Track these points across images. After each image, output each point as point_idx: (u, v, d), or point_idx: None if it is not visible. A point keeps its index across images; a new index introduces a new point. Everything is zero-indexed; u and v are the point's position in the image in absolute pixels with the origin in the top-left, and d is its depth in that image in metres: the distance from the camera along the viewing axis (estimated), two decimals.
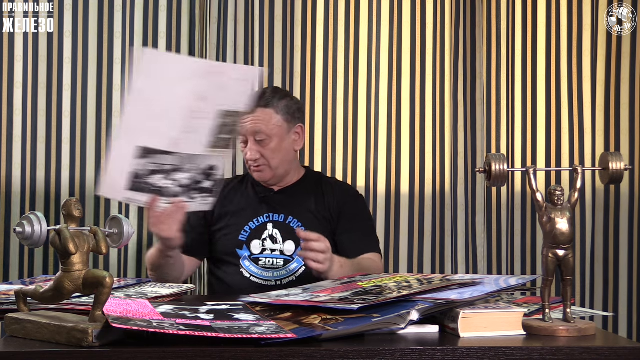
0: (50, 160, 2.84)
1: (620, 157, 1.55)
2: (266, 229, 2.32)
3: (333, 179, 2.54)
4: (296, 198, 2.37)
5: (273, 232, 2.32)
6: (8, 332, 1.44)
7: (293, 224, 2.32)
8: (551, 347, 1.36)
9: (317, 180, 2.44)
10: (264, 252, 2.30)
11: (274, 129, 2.30)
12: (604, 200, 3.02)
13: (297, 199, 2.37)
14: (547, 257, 1.49)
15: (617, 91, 3.03)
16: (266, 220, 2.34)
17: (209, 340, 1.32)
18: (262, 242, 2.31)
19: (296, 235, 2.26)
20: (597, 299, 3.01)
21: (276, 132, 2.30)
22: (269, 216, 2.34)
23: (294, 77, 2.95)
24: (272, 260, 2.29)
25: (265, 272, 2.27)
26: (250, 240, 2.31)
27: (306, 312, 1.52)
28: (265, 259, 2.29)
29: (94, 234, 1.42)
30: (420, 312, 1.46)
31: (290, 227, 2.31)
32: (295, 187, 2.40)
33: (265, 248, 2.30)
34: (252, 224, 2.33)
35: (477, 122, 2.99)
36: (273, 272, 2.27)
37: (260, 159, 2.30)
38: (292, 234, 2.30)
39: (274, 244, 2.30)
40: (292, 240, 2.30)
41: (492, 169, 1.55)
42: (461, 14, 2.98)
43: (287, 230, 2.31)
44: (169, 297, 1.79)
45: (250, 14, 2.93)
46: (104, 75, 2.87)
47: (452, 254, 2.96)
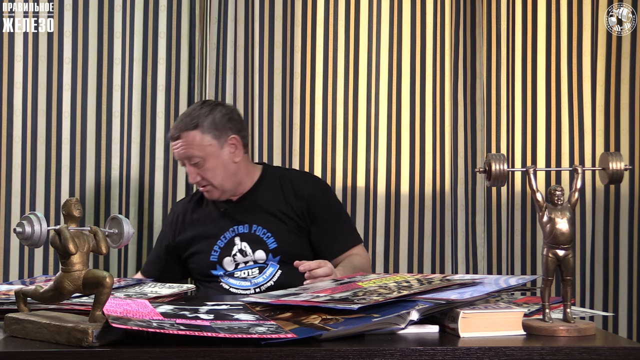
0: (50, 160, 2.84)
1: (620, 157, 1.55)
2: (234, 244, 2.30)
3: (293, 173, 2.50)
4: (256, 204, 2.33)
5: (242, 245, 2.29)
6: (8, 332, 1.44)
7: (258, 232, 2.30)
8: (551, 347, 1.36)
9: (276, 177, 2.38)
10: (237, 267, 2.29)
11: (205, 149, 2.27)
12: (604, 200, 3.02)
13: (258, 205, 2.33)
14: (547, 257, 1.49)
15: (617, 91, 3.03)
16: (232, 235, 2.31)
17: (209, 340, 1.32)
18: (233, 258, 2.29)
19: (265, 243, 2.28)
20: (597, 299, 3.01)
21: (208, 151, 2.27)
22: (234, 230, 2.31)
23: (294, 77, 2.95)
24: (247, 272, 2.28)
25: (243, 282, 2.27)
26: (222, 258, 2.30)
27: (306, 312, 1.52)
28: (240, 272, 2.28)
29: (94, 234, 1.42)
30: (420, 312, 1.46)
31: (257, 235, 2.30)
32: (252, 193, 2.36)
33: (238, 262, 2.29)
34: (220, 242, 2.31)
35: (477, 122, 2.99)
36: (251, 281, 2.27)
37: (202, 180, 2.28)
38: (260, 243, 2.29)
39: (245, 257, 2.29)
40: (261, 250, 2.29)
41: (492, 169, 1.55)
42: (461, 14, 2.98)
43: (254, 240, 2.29)
44: (169, 297, 1.79)
45: (250, 14, 2.93)
46: (104, 75, 2.87)
47: (452, 254, 2.96)
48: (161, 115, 2.87)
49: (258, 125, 2.91)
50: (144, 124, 2.87)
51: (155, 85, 2.88)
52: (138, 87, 2.87)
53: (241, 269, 2.29)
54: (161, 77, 2.88)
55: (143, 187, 2.87)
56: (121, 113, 2.87)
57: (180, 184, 2.89)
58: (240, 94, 2.92)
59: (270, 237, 2.29)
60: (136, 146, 2.86)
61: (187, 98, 2.90)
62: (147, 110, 2.88)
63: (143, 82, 2.87)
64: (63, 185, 2.84)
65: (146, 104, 2.87)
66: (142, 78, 2.87)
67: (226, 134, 2.30)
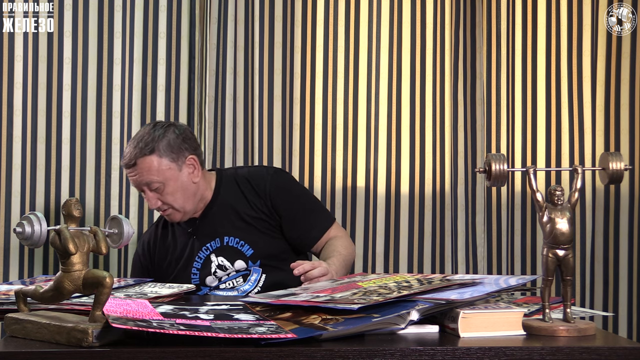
0: (50, 160, 2.84)
1: (620, 157, 1.55)
2: (211, 261, 2.25)
3: (246, 170, 2.39)
4: (221, 214, 2.28)
5: (218, 260, 2.24)
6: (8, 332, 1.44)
7: (231, 242, 2.25)
8: (551, 347, 1.36)
9: (232, 181, 2.32)
10: (221, 280, 2.24)
11: (164, 173, 2.19)
12: (604, 200, 3.02)
13: (223, 215, 2.28)
14: (547, 257, 1.49)
15: (617, 91, 3.03)
16: (207, 253, 2.26)
17: (209, 340, 1.32)
18: (214, 276, 2.24)
19: (241, 252, 2.23)
20: (597, 299, 3.01)
21: (167, 175, 2.19)
22: (207, 247, 2.26)
23: (294, 78, 2.95)
24: (232, 282, 2.24)
25: (230, 292, 2.23)
26: (203, 279, 2.24)
27: (306, 312, 1.52)
28: (225, 284, 2.24)
29: (94, 234, 1.42)
30: (420, 312, 1.46)
31: (231, 247, 2.25)
32: (213, 204, 2.29)
33: (220, 277, 2.24)
34: (197, 263, 2.26)
35: (477, 122, 2.99)
36: (238, 289, 2.22)
37: (163, 205, 2.22)
38: (236, 253, 2.24)
39: (226, 271, 2.24)
40: (240, 260, 2.24)
41: (492, 169, 1.55)
42: (461, 14, 2.98)
43: (230, 252, 2.25)
44: (169, 297, 1.79)
45: (250, 14, 2.93)
46: (104, 75, 2.87)
47: (452, 254, 2.96)
48: (161, 116, 2.87)
49: (258, 125, 2.91)
50: (144, 124, 2.87)
51: (155, 85, 2.88)
52: (138, 87, 2.87)
53: (225, 280, 2.24)
54: (161, 77, 2.88)
55: None
56: (121, 113, 2.87)
57: None
58: (240, 94, 2.92)
59: (245, 244, 2.24)
60: None
61: (187, 98, 2.90)
62: (147, 110, 2.88)
63: (143, 82, 2.87)
64: (63, 185, 2.84)
65: (146, 104, 2.87)
66: (142, 78, 2.87)
67: (183, 154, 2.22)
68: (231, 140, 2.91)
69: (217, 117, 2.90)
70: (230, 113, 2.91)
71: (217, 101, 2.90)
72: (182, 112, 2.90)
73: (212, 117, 2.89)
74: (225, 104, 2.90)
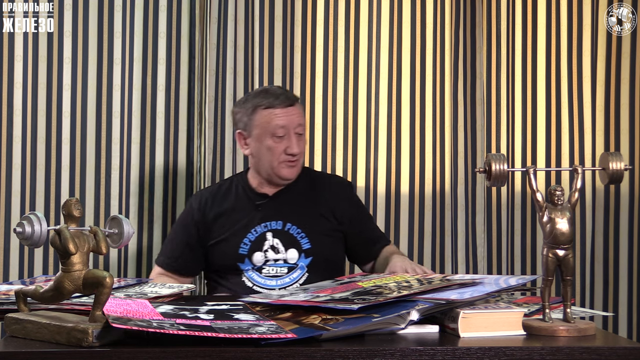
0: (50, 160, 2.84)
1: (620, 157, 1.55)
2: (266, 239, 2.27)
3: (323, 174, 2.52)
4: (291, 202, 2.33)
5: (274, 242, 2.27)
6: (8, 332, 1.44)
7: (292, 230, 2.28)
8: (551, 347, 1.36)
9: (308, 177, 2.39)
10: (267, 263, 2.26)
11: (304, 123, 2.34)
12: (604, 200, 3.02)
13: (293, 203, 2.33)
14: (547, 257, 1.49)
15: (617, 91, 3.03)
16: (264, 230, 2.29)
17: (209, 340, 1.32)
18: (264, 254, 2.26)
19: (298, 242, 2.26)
20: (597, 299, 3.01)
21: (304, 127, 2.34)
22: (266, 225, 2.29)
23: (294, 77, 2.95)
24: (276, 269, 2.25)
25: (268, 280, 2.24)
26: (252, 252, 2.26)
27: (306, 312, 1.52)
28: (269, 268, 2.26)
29: (94, 234, 1.42)
30: (420, 312, 1.46)
31: (290, 234, 2.28)
32: (289, 190, 2.35)
33: (268, 259, 2.26)
34: (251, 235, 2.28)
35: (477, 122, 2.99)
36: (276, 280, 2.24)
37: (300, 153, 2.29)
38: (293, 242, 2.27)
39: (277, 254, 2.26)
40: (294, 249, 2.27)
41: (492, 169, 1.55)
42: (461, 14, 2.98)
43: (287, 238, 2.27)
44: (169, 297, 1.79)
45: (250, 14, 2.93)
46: (104, 75, 2.87)
47: (452, 254, 2.96)
48: (161, 115, 2.87)
49: None
50: (144, 124, 2.87)
51: (155, 85, 2.88)
52: (138, 87, 2.87)
53: (271, 265, 2.26)
54: (161, 77, 2.88)
55: (143, 187, 2.87)
56: (121, 113, 2.87)
57: (180, 184, 2.89)
58: (240, 94, 2.92)
59: (305, 237, 2.28)
60: (136, 146, 2.86)
61: (187, 98, 2.90)
62: (147, 110, 2.88)
63: (143, 82, 2.87)
64: (63, 185, 2.84)
65: (146, 104, 2.87)
66: (142, 78, 2.87)
67: None
68: (231, 140, 2.91)
69: (217, 117, 2.90)
70: (230, 113, 2.91)
71: (217, 101, 2.90)
72: (182, 112, 2.89)
73: (212, 117, 2.89)
74: (225, 104, 2.90)
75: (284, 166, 2.28)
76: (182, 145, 2.89)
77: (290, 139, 2.27)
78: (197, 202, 2.37)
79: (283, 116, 2.27)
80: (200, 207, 2.35)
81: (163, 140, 2.87)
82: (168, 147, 2.88)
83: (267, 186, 2.35)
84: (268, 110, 2.27)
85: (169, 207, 2.88)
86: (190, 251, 2.33)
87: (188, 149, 2.90)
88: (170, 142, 2.88)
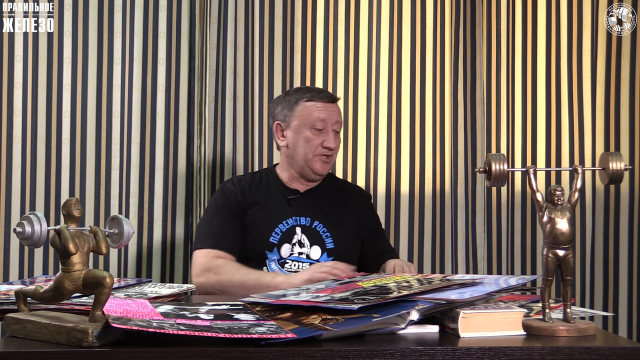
0: (50, 160, 2.84)
1: (620, 157, 1.55)
2: (295, 233, 2.33)
3: (346, 182, 2.60)
4: (320, 201, 2.39)
5: (301, 237, 2.32)
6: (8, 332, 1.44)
7: (319, 228, 2.33)
8: (551, 347, 1.36)
9: (332, 181, 2.48)
10: (291, 256, 2.29)
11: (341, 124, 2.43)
12: (604, 200, 3.02)
13: (321, 202, 2.39)
14: (547, 257, 1.49)
15: (617, 91, 3.03)
16: (294, 224, 2.34)
17: (209, 340, 1.32)
18: (291, 247, 2.30)
19: (323, 241, 2.31)
20: (597, 299, 3.01)
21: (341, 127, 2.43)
22: (296, 220, 2.34)
23: (294, 77, 2.95)
24: (298, 264, 2.28)
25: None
26: (281, 243, 2.30)
27: (306, 312, 1.52)
28: (292, 262, 2.29)
29: (94, 234, 1.42)
30: (420, 312, 1.45)
31: (316, 231, 2.32)
32: (318, 190, 2.42)
33: (293, 252, 2.30)
34: (283, 226, 2.33)
35: (477, 122, 2.99)
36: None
37: (335, 149, 2.36)
38: (318, 239, 2.32)
39: (301, 248, 2.30)
40: (317, 246, 2.31)
41: (492, 169, 1.55)
42: (461, 14, 2.98)
43: (313, 235, 2.32)
44: (169, 297, 1.79)
45: (250, 14, 2.93)
46: (104, 75, 2.87)
47: (452, 254, 2.96)
48: (161, 115, 2.87)
49: (258, 125, 2.91)
50: (144, 124, 2.87)
51: (155, 85, 2.88)
52: (138, 87, 2.87)
53: (294, 259, 2.29)
54: (161, 77, 2.88)
55: (143, 187, 2.87)
56: (121, 113, 2.87)
57: (180, 184, 2.89)
58: (240, 94, 2.92)
59: (329, 237, 2.33)
60: (136, 146, 2.86)
61: (187, 98, 2.90)
62: (147, 110, 2.88)
63: (143, 82, 2.87)
64: (63, 185, 2.84)
65: (146, 104, 2.88)
66: (142, 78, 2.87)
67: None
68: (231, 140, 2.91)
69: (217, 117, 2.90)
70: (230, 113, 2.91)
71: (217, 101, 2.90)
72: (182, 112, 2.90)
73: (212, 117, 2.89)
74: (225, 104, 2.90)
75: (318, 160, 2.35)
76: (182, 145, 2.89)
77: (328, 133, 2.34)
78: (236, 186, 2.40)
79: (324, 110, 2.35)
80: (241, 190, 2.38)
81: (163, 140, 2.87)
82: (168, 147, 2.88)
83: (296, 182, 2.41)
84: (310, 102, 2.36)
85: (169, 207, 2.88)
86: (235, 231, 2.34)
87: (188, 149, 2.90)
88: (170, 142, 2.88)
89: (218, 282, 2.18)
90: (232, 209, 2.34)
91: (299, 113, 2.36)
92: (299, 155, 2.36)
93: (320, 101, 2.35)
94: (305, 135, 2.34)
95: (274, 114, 2.43)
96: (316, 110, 2.34)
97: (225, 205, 2.36)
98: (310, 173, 2.37)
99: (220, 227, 2.32)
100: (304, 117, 2.35)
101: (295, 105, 2.37)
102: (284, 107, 2.39)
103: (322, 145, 2.34)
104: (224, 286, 2.17)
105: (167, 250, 2.88)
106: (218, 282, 2.18)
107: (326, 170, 2.38)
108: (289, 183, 2.41)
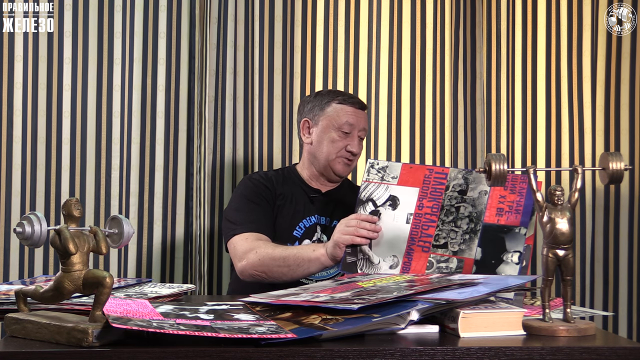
0: (50, 160, 2.84)
1: (620, 157, 1.55)
2: (316, 231, 2.39)
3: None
4: (340, 201, 2.44)
5: (321, 235, 2.39)
6: (8, 332, 1.44)
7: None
8: (551, 347, 1.36)
9: (349, 185, 2.55)
10: None
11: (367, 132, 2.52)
12: (604, 200, 3.02)
13: (341, 202, 2.44)
14: (547, 257, 1.49)
15: (617, 91, 3.03)
16: (316, 222, 2.40)
17: (209, 340, 1.32)
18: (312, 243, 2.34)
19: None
20: (597, 299, 3.01)
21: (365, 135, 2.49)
22: (317, 218, 2.40)
23: (294, 77, 2.95)
24: None
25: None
26: (304, 238, 2.37)
27: (306, 312, 1.52)
28: None
29: (94, 234, 1.42)
30: (420, 312, 1.46)
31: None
32: (337, 191, 2.48)
33: None
34: (306, 222, 2.39)
35: (477, 122, 2.99)
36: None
37: (357, 154, 2.43)
38: None
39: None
40: None
41: (492, 169, 1.55)
42: (461, 14, 2.98)
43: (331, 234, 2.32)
44: (169, 297, 1.79)
45: (250, 14, 2.93)
46: (104, 75, 2.87)
47: None
48: (161, 115, 2.87)
49: (258, 125, 2.91)
50: (144, 124, 2.87)
51: (155, 85, 2.88)
52: (138, 87, 2.87)
53: None
54: (161, 77, 2.88)
55: (143, 187, 2.87)
56: (121, 113, 2.87)
57: (180, 184, 2.89)
58: (240, 94, 2.92)
59: None
60: (136, 146, 2.86)
61: (187, 98, 2.90)
62: (147, 110, 2.88)
63: (143, 82, 2.87)
64: (63, 185, 2.84)
65: (146, 104, 2.88)
66: (142, 78, 2.87)
67: None
68: (231, 140, 2.91)
69: (217, 117, 2.90)
70: (230, 113, 2.91)
71: (217, 101, 2.90)
72: (182, 112, 2.90)
73: (212, 117, 2.89)
74: (225, 104, 2.90)
75: (340, 162, 2.41)
76: (182, 145, 2.89)
77: (354, 138, 2.41)
78: (263, 178, 2.45)
79: (353, 115, 2.41)
80: (269, 181, 2.43)
81: (163, 140, 2.87)
82: (168, 147, 2.88)
83: (316, 181, 2.48)
84: (341, 105, 2.42)
85: (169, 207, 2.88)
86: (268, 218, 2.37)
87: (188, 149, 2.90)
88: (170, 142, 2.88)
89: (259, 260, 2.18)
90: (264, 196, 2.40)
91: (329, 114, 2.42)
92: (322, 154, 2.42)
93: (352, 106, 2.42)
94: (331, 136, 2.41)
95: (303, 110, 2.50)
96: (346, 114, 2.41)
97: (256, 193, 2.40)
98: (331, 173, 2.44)
99: (255, 212, 2.36)
100: (333, 118, 2.41)
101: (326, 105, 2.43)
102: (314, 106, 2.46)
103: (346, 149, 2.40)
104: (266, 265, 2.16)
105: (167, 250, 2.88)
106: (259, 260, 2.18)
107: (347, 173, 2.46)
108: (310, 182, 2.48)
